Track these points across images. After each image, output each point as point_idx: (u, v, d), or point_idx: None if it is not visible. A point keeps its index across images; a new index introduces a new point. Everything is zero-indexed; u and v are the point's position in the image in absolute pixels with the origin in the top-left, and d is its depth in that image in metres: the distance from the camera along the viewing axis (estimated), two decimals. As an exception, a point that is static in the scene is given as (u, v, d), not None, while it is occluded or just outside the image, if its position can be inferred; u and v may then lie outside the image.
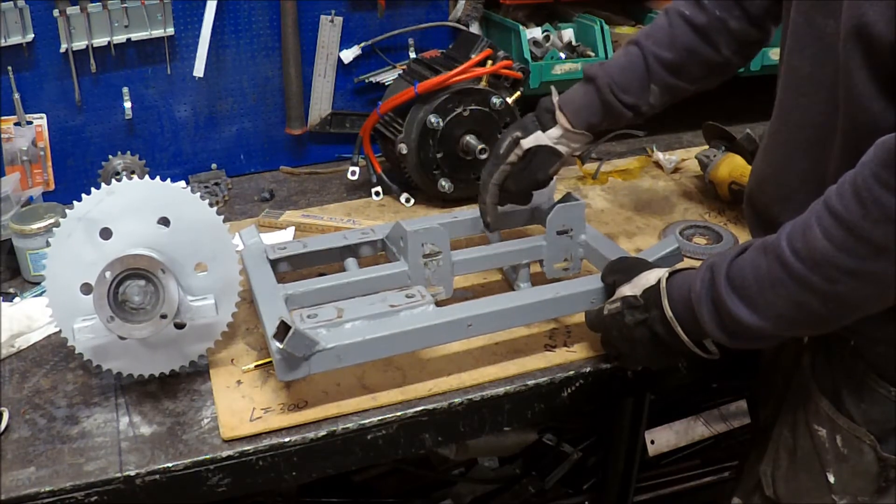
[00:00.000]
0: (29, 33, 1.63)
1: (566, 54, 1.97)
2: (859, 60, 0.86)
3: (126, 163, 1.75)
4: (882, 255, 0.80)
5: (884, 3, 0.82)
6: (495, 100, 1.64)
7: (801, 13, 0.98)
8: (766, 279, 0.89)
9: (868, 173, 0.80)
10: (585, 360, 1.22)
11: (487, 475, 2.02)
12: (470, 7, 2.00)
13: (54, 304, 1.11)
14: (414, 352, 1.19)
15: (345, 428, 1.10)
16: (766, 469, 1.14)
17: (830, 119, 0.94)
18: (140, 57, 1.75)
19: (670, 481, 2.01)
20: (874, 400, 0.99)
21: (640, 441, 1.67)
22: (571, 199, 1.38)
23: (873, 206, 0.79)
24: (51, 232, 1.13)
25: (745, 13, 1.22)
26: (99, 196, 1.09)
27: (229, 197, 1.83)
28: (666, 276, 1.05)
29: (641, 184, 1.85)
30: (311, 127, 1.96)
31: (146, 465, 1.03)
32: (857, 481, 1.02)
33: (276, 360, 1.05)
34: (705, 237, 1.58)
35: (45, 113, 1.71)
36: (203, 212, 1.14)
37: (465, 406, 1.15)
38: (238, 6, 1.80)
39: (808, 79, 0.98)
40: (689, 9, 1.25)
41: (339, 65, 1.93)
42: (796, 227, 0.87)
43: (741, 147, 1.69)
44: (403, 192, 1.75)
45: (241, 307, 1.22)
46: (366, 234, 1.40)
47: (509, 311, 1.17)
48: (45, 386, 1.18)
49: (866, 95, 0.87)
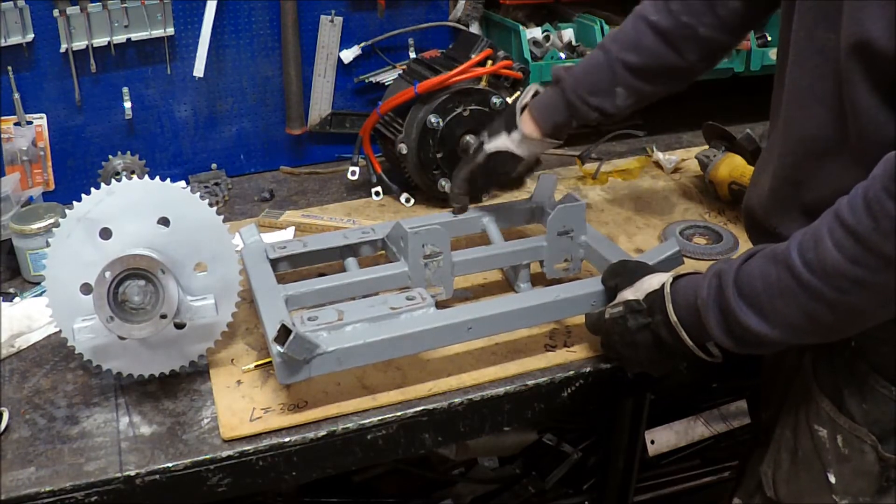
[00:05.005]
0: (29, 33, 1.63)
1: (566, 54, 1.97)
2: (861, 74, 0.87)
3: (126, 163, 1.75)
4: (892, 266, 0.81)
5: (886, 17, 0.83)
6: (495, 100, 1.64)
7: (803, 26, 0.98)
8: (776, 288, 0.90)
9: (879, 186, 0.80)
10: (585, 361, 1.22)
11: (487, 475, 2.02)
12: (470, 7, 2.00)
13: (54, 304, 1.11)
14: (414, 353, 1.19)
15: (345, 428, 1.09)
16: (766, 469, 1.14)
17: (830, 131, 0.95)
18: (140, 57, 1.75)
19: (670, 481, 2.01)
20: (875, 400, 0.99)
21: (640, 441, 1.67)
22: (572, 199, 1.38)
23: (884, 218, 0.79)
24: (51, 232, 1.13)
25: (717, 19, 1.21)
26: (99, 196, 1.08)
27: (229, 197, 1.83)
28: (670, 280, 1.05)
29: (641, 184, 1.85)
30: (311, 127, 1.96)
31: (146, 465, 1.03)
32: (858, 482, 1.02)
33: (276, 363, 1.05)
34: (705, 237, 1.58)
35: (45, 113, 1.71)
36: (203, 212, 1.14)
37: (465, 406, 1.15)
38: (238, 6, 1.80)
39: (809, 91, 0.98)
40: (655, 13, 1.25)
41: (339, 65, 1.93)
42: (807, 237, 0.88)
43: (741, 147, 1.69)
44: (403, 192, 1.75)
45: (241, 307, 1.22)
46: (366, 234, 1.40)
47: (509, 314, 1.17)
48: (45, 386, 1.18)
49: (869, 108, 0.88)
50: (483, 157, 1.40)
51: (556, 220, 1.34)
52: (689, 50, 1.24)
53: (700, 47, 1.24)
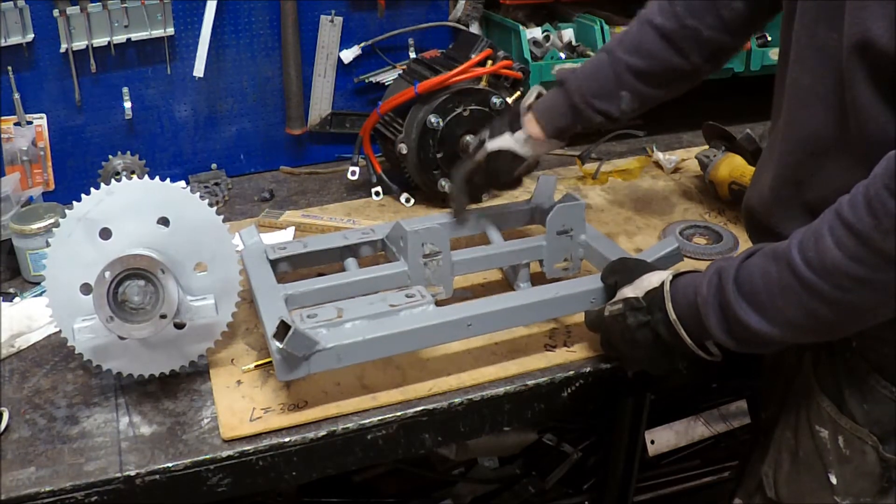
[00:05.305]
0: (29, 33, 1.63)
1: (566, 54, 1.97)
2: (863, 73, 0.87)
3: (126, 163, 1.75)
4: (892, 264, 0.81)
5: (887, 17, 0.83)
6: (495, 100, 1.64)
7: (805, 26, 0.98)
8: (777, 286, 0.89)
9: (880, 185, 0.80)
10: (585, 360, 1.22)
11: (487, 475, 2.01)
12: (470, 7, 2.00)
13: (54, 304, 1.11)
14: (414, 351, 1.19)
15: (345, 428, 1.09)
16: (767, 470, 1.14)
17: (832, 130, 0.95)
18: (140, 57, 1.75)
19: (670, 481, 2.01)
20: (876, 400, 0.99)
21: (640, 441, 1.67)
22: (571, 199, 1.38)
23: (885, 217, 0.79)
24: (51, 232, 1.13)
25: (720, 21, 1.21)
26: (99, 196, 1.08)
27: (229, 197, 1.83)
28: (670, 278, 1.05)
29: (641, 184, 1.85)
30: (311, 127, 1.96)
31: (146, 465, 1.03)
32: (859, 482, 1.02)
33: (275, 359, 1.05)
34: (705, 237, 1.58)
35: (45, 113, 1.71)
36: (203, 212, 1.14)
37: (465, 406, 1.15)
38: (238, 6, 1.80)
39: (810, 90, 0.98)
40: (658, 16, 1.25)
41: (339, 65, 1.93)
42: (808, 235, 0.88)
43: (741, 147, 1.69)
44: (403, 192, 1.75)
45: (241, 307, 1.22)
46: (366, 234, 1.40)
47: (509, 311, 1.17)
48: (45, 386, 1.18)
49: (870, 107, 0.88)
50: (484, 155, 1.39)
51: (555, 220, 1.34)
52: (693, 52, 1.24)
53: (704, 50, 1.24)
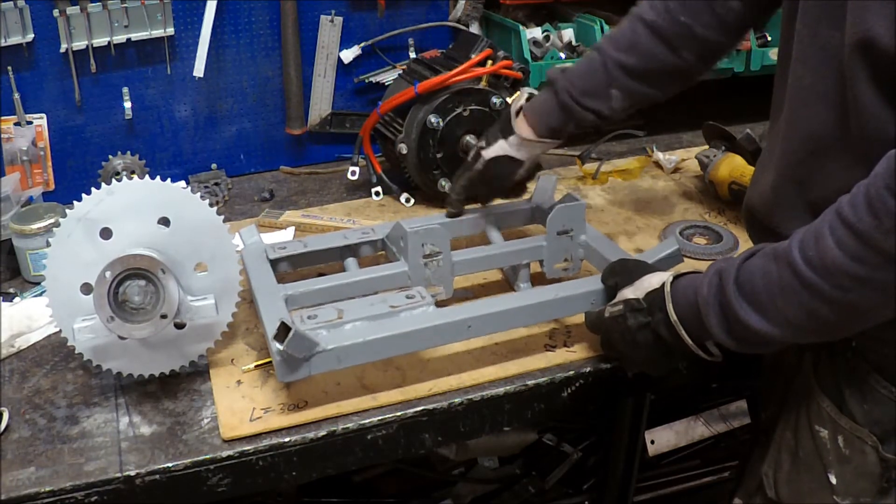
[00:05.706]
0: (29, 33, 1.63)
1: (566, 54, 1.97)
2: (864, 72, 0.87)
3: (126, 163, 1.75)
4: (893, 264, 0.81)
5: (889, 16, 0.82)
6: (495, 100, 1.64)
7: (807, 24, 0.97)
8: (777, 286, 0.89)
9: (881, 184, 0.80)
10: (585, 360, 1.22)
11: (487, 475, 2.02)
12: (470, 7, 2.00)
13: (54, 304, 1.11)
14: (414, 352, 1.19)
15: (345, 428, 1.09)
16: (767, 470, 1.14)
17: (833, 129, 0.95)
18: (140, 57, 1.75)
19: (670, 481, 2.01)
20: (876, 400, 0.99)
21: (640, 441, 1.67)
22: (572, 199, 1.38)
23: (886, 216, 0.79)
24: (51, 232, 1.13)
25: (715, 19, 1.20)
26: (99, 196, 1.08)
27: (229, 197, 1.83)
28: (670, 279, 1.05)
29: (641, 184, 1.85)
30: (311, 127, 1.96)
31: (146, 465, 1.03)
32: (859, 482, 1.02)
33: (276, 361, 1.05)
34: (705, 237, 1.58)
35: (45, 113, 1.71)
36: (203, 212, 1.14)
37: (465, 406, 1.15)
38: (238, 6, 1.80)
39: (811, 89, 0.98)
40: (651, 13, 1.24)
41: (339, 65, 1.93)
42: (808, 235, 0.87)
43: (741, 147, 1.69)
44: (403, 192, 1.75)
45: (241, 307, 1.22)
46: (366, 234, 1.40)
47: (509, 313, 1.17)
48: (45, 386, 1.18)
49: (872, 106, 0.88)
50: (482, 163, 1.39)
51: (555, 220, 1.34)
52: (686, 50, 1.23)
53: (697, 48, 1.23)
